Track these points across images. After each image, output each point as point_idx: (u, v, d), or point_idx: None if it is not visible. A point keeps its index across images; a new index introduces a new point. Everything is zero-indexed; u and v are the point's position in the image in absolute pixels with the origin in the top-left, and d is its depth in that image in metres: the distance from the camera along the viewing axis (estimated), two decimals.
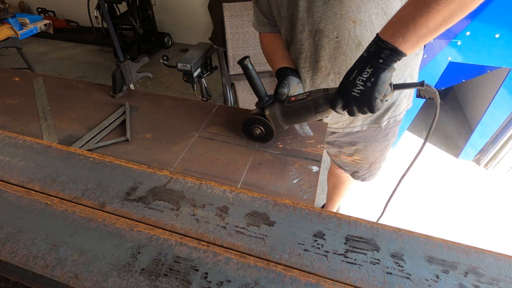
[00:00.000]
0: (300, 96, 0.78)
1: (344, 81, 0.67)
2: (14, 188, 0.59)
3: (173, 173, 0.63)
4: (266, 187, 0.75)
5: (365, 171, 1.29)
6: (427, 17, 0.55)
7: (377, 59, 0.62)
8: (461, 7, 0.53)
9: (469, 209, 1.99)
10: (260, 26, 1.03)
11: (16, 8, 4.15)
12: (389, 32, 0.60)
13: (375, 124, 1.04)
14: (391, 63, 0.62)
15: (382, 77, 0.62)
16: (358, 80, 0.64)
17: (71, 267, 0.47)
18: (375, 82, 0.63)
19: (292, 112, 0.78)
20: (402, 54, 0.61)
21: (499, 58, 1.73)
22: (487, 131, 2.11)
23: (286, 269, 0.47)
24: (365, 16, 0.78)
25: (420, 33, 0.57)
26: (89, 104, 1.03)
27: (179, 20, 3.86)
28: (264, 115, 0.82)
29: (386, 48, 0.60)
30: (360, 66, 0.64)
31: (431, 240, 0.51)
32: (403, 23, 0.58)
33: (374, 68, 0.62)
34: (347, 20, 0.80)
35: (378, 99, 0.65)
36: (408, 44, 0.59)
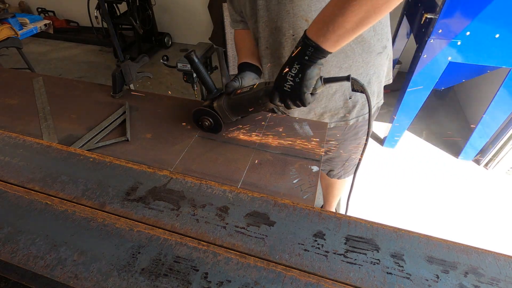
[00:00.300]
0: (244, 89, 0.82)
1: (278, 76, 0.71)
2: (14, 188, 0.59)
3: (173, 173, 0.63)
4: (266, 187, 0.75)
5: (340, 169, 1.33)
6: (343, 18, 0.58)
7: (303, 56, 0.65)
8: (373, 9, 0.56)
9: (469, 209, 1.99)
10: (234, 23, 1.08)
11: (16, 8, 4.16)
12: (313, 31, 0.64)
13: (342, 122, 1.07)
14: (316, 60, 0.65)
15: (308, 73, 0.66)
16: (288, 75, 0.68)
17: (71, 267, 0.47)
18: (302, 77, 0.67)
19: (237, 104, 0.82)
20: (326, 52, 0.64)
21: (499, 58, 1.73)
22: (487, 131, 2.11)
23: (286, 269, 0.47)
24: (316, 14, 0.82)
25: (339, 33, 0.60)
26: (89, 104, 1.03)
27: (179, 20, 3.87)
28: (212, 107, 0.85)
29: (310, 46, 0.64)
30: (290, 62, 0.68)
31: (431, 240, 0.51)
32: (324, 22, 0.61)
33: (301, 65, 0.66)
34: (299, 19, 0.83)
35: (307, 93, 0.69)
36: (329, 43, 0.62)
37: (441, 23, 1.70)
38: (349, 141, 1.15)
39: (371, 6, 0.55)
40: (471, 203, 2.03)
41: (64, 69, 3.58)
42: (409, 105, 2.10)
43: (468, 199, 2.05)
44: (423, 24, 1.84)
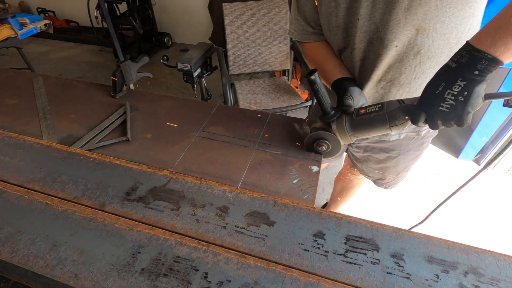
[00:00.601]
0: (371, 108, 0.75)
1: (429, 94, 0.63)
2: (14, 188, 0.59)
3: (173, 173, 0.63)
4: (266, 187, 0.75)
5: (391, 179, 1.23)
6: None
7: (472, 71, 0.57)
8: None
9: (469, 209, 1.99)
10: (304, 35, 0.97)
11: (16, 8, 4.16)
12: (486, 41, 0.56)
13: (413, 132, 1.00)
14: (487, 74, 0.58)
15: (477, 90, 0.58)
16: (447, 94, 0.60)
17: (71, 267, 0.47)
18: (469, 96, 0.58)
19: (363, 125, 0.75)
20: (500, 63, 0.56)
21: None
22: (487, 131, 2.11)
23: (286, 269, 0.47)
24: (430, 24, 0.75)
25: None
26: (89, 104, 1.03)
27: (179, 20, 3.87)
28: (330, 129, 0.79)
29: (483, 59, 0.55)
30: (448, 78, 0.60)
31: (431, 240, 0.51)
32: (506, 30, 0.54)
33: (467, 81, 0.58)
34: (410, 28, 0.76)
35: (471, 112, 0.61)
36: (510, 53, 0.55)
37: None
38: (412, 152, 1.08)
39: None
40: (471, 203, 2.03)
41: (64, 69, 3.58)
42: None
43: (468, 199, 2.05)
44: None
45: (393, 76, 0.85)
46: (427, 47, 0.77)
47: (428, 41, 0.77)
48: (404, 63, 0.82)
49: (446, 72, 0.61)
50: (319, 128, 0.80)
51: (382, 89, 0.88)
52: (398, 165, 1.14)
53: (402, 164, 1.13)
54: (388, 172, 1.19)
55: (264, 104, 1.95)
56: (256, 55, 2.10)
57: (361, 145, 1.12)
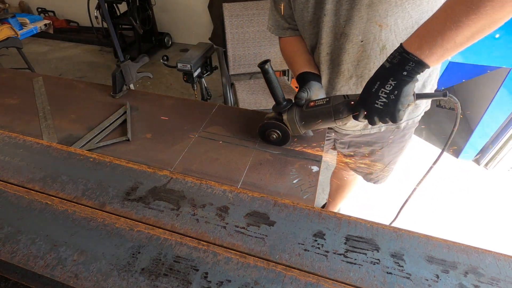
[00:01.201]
0: (319, 101, 0.77)
1: (366, 92, 0.66)
2: (14, 188, 0.59)
3: (173, 173, 0.63)
4: (266, 187, 0.75)
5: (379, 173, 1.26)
6: (457, 31, 0.54)
7: (401, 71, 0.61)
8: (489, 23, 0.52)
9: (469, 209, 1.99)
10: (280, 30, 1.01)
11: (16, 8, 4.15)
12: (415, 44, 0.59)
13: (393, 125, 1.02)
14: (415, 75, 0.61)
15: (405, 89, 0.62)
16: (381, 92, 0.64)
17: (71, 267, 0.47)
18: (399, 94, 0.62)
19: (311, 117, 0.78)
20: (426, 66, 0.60)
21: (499, 58, 1.73)
22: (487, 131, 2.11)
23: (286, 269, 0.47)
24: (391, 20, 0.77)
25: (447, 47, 0.56)
26: (89, 104, 1.03)
27: (179, 20, 3.86)
28: (281, 120, 0.81)
29: (411, 60, 0.59)
30: (382, 77, 0.63)
31: (431, 240, 0.51)
32: (431, 35, 0.57)
33: (397, 81, 0.61)
34: (373, 24, 0.79)
35: (402, 110, 0.65)
36: (434, 57, 0.58)
37: None
38: (395, 144, 1.11)
39: (489, 20, 0.51)
40: (471, 203, 2.03)
41: (64, 69, 3.58)
42: None
43: (468, 199, 2.05)
44: None
45: (363, 72, 0.88)
46: (391, 42, 0.80)
47: (392, 37, 0.80)
48: (372, 58, 0.84)
49: (381, 72, 0.64)
50: (271, 118, 0.83)
51: (354, 85, 0.91)
52: (384, 158, 1.17)
53: (387, 156, 1.17)
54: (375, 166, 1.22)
55: (264, 104, 1.95)
56: (256, 55, 2.10)
57: (344, 140, 1.15)
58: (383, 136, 1.07)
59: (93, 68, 3.60)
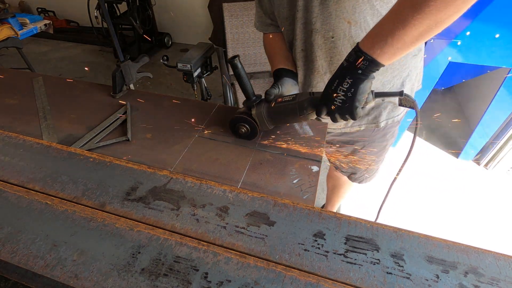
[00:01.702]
0: (286, 98, 0.79)
1: (327, 89, 0.69)
2: (14, 188, 0.59)
3: (173, 173, 0.63)
4: (266, 187, 0.75)
5: (363, 172, 1.28)
6: (404, 31, 0.56)
7: (356, 70, 0.63)
8: (436, 23, 0.54)
9: (469, 209, 1.99)
10: (263, 26, 1.04)
11: (16, 8, 4.16)
12: (368, 43, 0.61)
13: (372, 124, 1.04)
14: (369, 73, 0.63)
15: (361, 87, 0.64)
16: (339, 90, 0.66)
17: (71, 267, 0.47)
18: (355, 92, 0.64)
19: (278, 113, 0.80)
20: (380, 65, 0.62)
21: (499, 58, 1.73)
22: (487, 131, 2.11)
23: (286, 269, 0.47)
24: (360, 17, 0.79)
25: (397, 46, 0.59)
26: (89, 104, 1.03)
27: (179, 20, 3.86)
28: (250, 114, 0.83)
29: (365, 59, 0.61)
30: (340, 75, 0.66)
31: (431, 240, 0.51)
32: (382, 35, 0.59)
33: (353, 79, 0.64)
34: (342, 21, 0.81)
35: (359, 108, 0.67)
36: (386, 56, 0.60)
37: None
38: (377, 143, 1.12)
39: (434, 20, 0.53)
40: (471, 203, 2.03)
41: (64, 69, 3.58)
42: None
43: (468, 199, 2.05)
44: None
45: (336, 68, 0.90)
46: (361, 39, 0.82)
47: (362, 33, 0.82)
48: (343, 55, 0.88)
49: (340, 70, 0.66)
50: (241, 113, 0.85)
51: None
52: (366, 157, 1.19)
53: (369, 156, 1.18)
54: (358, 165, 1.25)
55: None
56: (256, 55, 2.11)
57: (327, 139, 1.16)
58: (363, 134, 1.09)
59: (93, 68, 3.60)
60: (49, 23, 3.07)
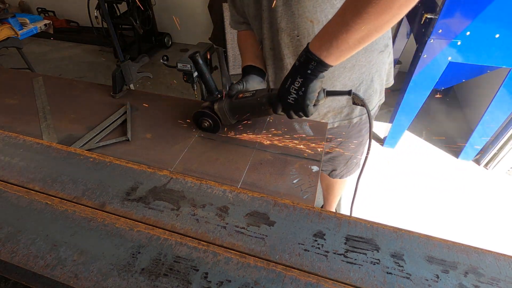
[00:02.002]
0: (247, 93, 0.82)
1: (281, 88, 0.71)
2: (14, 188, 0.59)
3: (173, 173, 0.63)
4: (266, 187, 0.75)
5: (342, 168, 1.32)
6: (347, 35, 0.58)
7: (306, 70, 0.65)
8: (375, 28, 0.56)
9: (469, 209, 1.99)
10: (236, 25, 1.08)
11: (16, 8, 4.15)
12: (316, 45, 0.63)
13: (345, 120, 1.07)
14: (318, 73, 0.65)
15: (311, 86, 0.66)
16: (291, 88, 0.69)
17: (71, 267, 0.47)
18: (305, 91, 0.67)
19: (238, 107, 0.83)
20: (328, 66, 0.64)
21: (499, 58, 1.73)
22: (487, 131, 2.11)
23: (286, 269, 0.47)
24: (322, 15, 0.81)
25: (342, 48, 0.61)
26: (89, 104, 1.03)
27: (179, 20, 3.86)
28: (213, 109, 0.85)
29: (313, 60, 0.64)
30: (293, 75, 0.68)
31: (431, 240, 0.51)
32: (328, 37, 0.61)
33: (303, 78, 0.66)
34: (304, 20, 0.83)
35: (310, 105, 0.69)
36: (332, 57, 0.63)
37: (441, 23, 1.70)
38: (352, 139, 1.15)
39: (373, 25, 0.56)
40: (471, 203, 2.03)
41: (64, 69, 3.58)
42: (409, 105, 2.10)
43: (468, 199, 2.05)
44: (423, 24, 1.84)
45: None
46: None
47: None
48: None
49: (292, 69, 0.69)
50: (204, 107, 0.87)
51: None
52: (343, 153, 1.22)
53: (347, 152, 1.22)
54: (337, 161, 1.28)
55: None
56: None
57: None
58: (339, 132, 1.12)
59: (93, 68, 3.60)
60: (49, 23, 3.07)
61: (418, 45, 1.96)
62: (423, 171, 2.22)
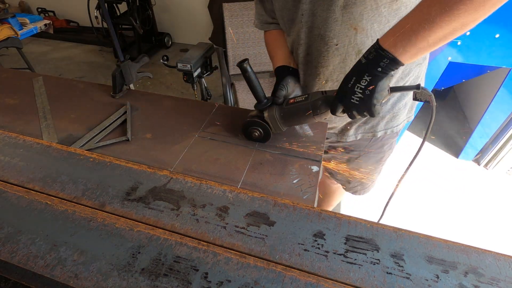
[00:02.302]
0: (298, 98, 0.78)
1: (343, 87, 0.67)
2: (14, 188, 0.59)
3: (173, 173, 0.63)
4: (266, 187, 0.75)
5: (357, 183, 1.26)
6: (430, 32, 0.55)
7: (376, 67, 0.61)
8: (462, 25, 0.53)
9: (469, 209, 1.99)
10: (264, 24, 1.02)
11: (16, 8, 4.15)
12: (390, 41, 0.60)
13: (369, 133, 1.02)
14: (389, 71, 0.61)
15: (380, 85, 0.62)
16: (356, 87, 0.64)
17: (71, 267, 0.47)
18: (374, 90, 0.63)
19: (291, 114, 0.79)
20: (400, 63, 0.60)
21: (499, 58, 1.73)
22: (487, 131, 2.11)
23: (286, 269, 0.47)
24: (368, 24, 0.77)
25: (420, 46, 0.57)
26: (89, 104, 1.03)
27: (179, 20, 3.86)
28: (263, 118, 0.82)
29: (385, 57, 0.60)
30: (358, 73, 0.64)
31: (431, 240, 0.51)
32: (406, 34, 0.57)
33: (372, 76, 0.62)
34: (348, 27, 0.79)
35: (377, 105, 0.65)
36: (408, 55, 0.59)
37: None
38: (373, 154, 1.10)
39: (461, 22, 0.52)
40: (471, 203, 2.03)
41: (64, 69, 3.58)
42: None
43: (468, 199, 2.05)
44: None
45: (338, 76, 0.88)
46: (367, 46, 0.78)
47: (368, 41, 0.80)
48: (347, 62, 0.84)
49: (357, 67, 0.65)
50: (253, 116, 0.84)
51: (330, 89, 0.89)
52: (361, 167, 1.16)
53: (364, 166, 1.16)
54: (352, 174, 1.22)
55: None
56: (256, 55, 2.11)
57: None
58: (359, 144, 1.07)
59: (93, 68, 3.60)
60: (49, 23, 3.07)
61: None
62: (423, 171, 2.22)
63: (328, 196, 1.59)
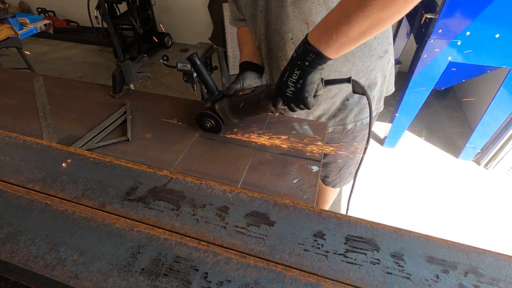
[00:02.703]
0: (246, 91, 0.82)
1: (279, 80, 0.70)
2: (14, 188, 0.59)
3: (173, 173, 0.63)
4: (266, 187, 0.75)
5: (335, 176, 1.29)
6: (348, 27, 0.57)
7: (304, 61, 0.64)
8: (378, 21, 0.55)
9: (469, 209, 1.99)
10: (236, 21, 1.07)
11: (16, 8, 4.15)
12: (315, 36, 0.62)
13: (339, 126, 1.05)
14: (316, 65, 0.64)
15: (309, 78, 0.65)
16: (289, 81, 0.67)
17: (71, 267, 0.47)
18: (304, 83, 0.66)
19: (238, 106, 0.82)
20: (327, 58, 0.63)
21: (499, 58, 1.73)
22: (487, 131, 2.11)
23: (286, 269, 0.47)
24: (317, 18, 0.80)
25: (341, 41, 0.59)
26: (89, 104, 1.03)
27: (179, 20, 3.86)
28: (214, 109, 0.85)
29: (311, 52, 0.62)
30: (291, 67, 0.67)
31: (431, 240, 0.51)
32: (328, 29, 0.60)
33: (301, 70, 0.65)
34: (300, 22, 0.82)
35: (310, 97, 0.68)
36: (331, 50, 0.61)
37: (441, 23, 1.70)
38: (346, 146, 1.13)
39: (376, 18, 0.54)
40: (471, 203, 2.03)
41: (64, 69, 3.58)
42: (409, 105, 2.10)
43: (468, 199, 2.05)
44: (423, 24, 1.84)
45: None
46: None
47: None
48: None
49: (290, 62, 0.67)
50: (206, 108, 0.87)
51: None
52: (337, 160, 1.20)
53: (340, 159, 1.19)
54: (330, 168, 1.25)
55: None
56: None
57: None
58: (332, 137, 1.10)
59: (93, 68, 3.60)
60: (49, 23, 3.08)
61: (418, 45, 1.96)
62: (423, 171, 2.22)
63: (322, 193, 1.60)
